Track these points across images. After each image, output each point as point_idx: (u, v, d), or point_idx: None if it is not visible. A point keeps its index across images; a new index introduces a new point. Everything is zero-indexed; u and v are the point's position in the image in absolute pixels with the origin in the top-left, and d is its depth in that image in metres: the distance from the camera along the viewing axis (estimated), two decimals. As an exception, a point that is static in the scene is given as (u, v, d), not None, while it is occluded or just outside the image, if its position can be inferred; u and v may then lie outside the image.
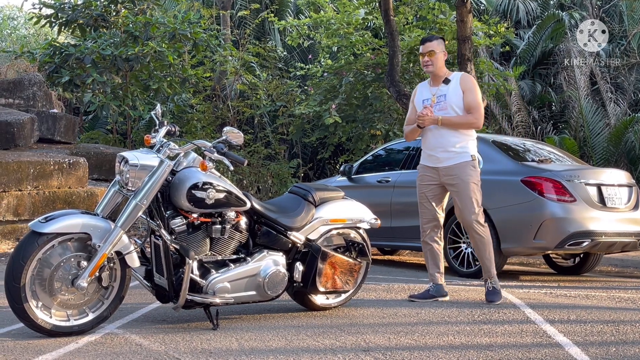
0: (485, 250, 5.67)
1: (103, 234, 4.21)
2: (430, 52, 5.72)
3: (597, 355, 3.96)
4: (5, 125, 10.45)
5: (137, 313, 5.06)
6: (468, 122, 5.64)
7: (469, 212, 5.61)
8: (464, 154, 5.63)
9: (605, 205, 7.19)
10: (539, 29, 17.24)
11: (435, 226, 5.77)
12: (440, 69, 5.75)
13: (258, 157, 13.54)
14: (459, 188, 5.62)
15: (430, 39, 5.84)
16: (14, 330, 4.41)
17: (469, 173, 5.61)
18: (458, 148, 5.64)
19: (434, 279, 5.78)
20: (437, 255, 5.78)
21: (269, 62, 15.17)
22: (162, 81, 12.10)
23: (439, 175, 5.71)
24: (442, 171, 5.68)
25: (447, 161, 5.66)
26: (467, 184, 5.60)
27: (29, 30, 24.93)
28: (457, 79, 5.72)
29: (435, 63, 5.73)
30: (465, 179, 5.60)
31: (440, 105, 5.67)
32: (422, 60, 5.80)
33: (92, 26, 12.68)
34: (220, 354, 3.89)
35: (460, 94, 5.65)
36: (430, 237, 5.78)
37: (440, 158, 5.69)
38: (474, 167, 5.64)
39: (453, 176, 5.63)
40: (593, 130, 14.02)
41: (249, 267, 4.67)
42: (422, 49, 5.81)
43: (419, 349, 4.08)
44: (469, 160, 5.63)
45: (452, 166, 5.64)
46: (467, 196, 5.61)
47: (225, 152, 4.54)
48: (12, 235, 8.90)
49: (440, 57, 5.74)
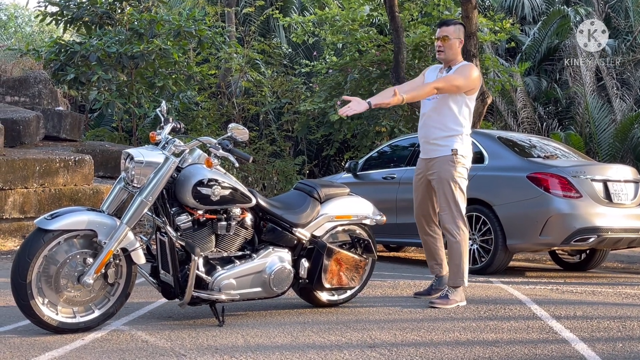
0: (454, 255, 5.30)
1: (109, 230, 4.21)
2: (444, 38, 5.40)
3: (603, 351, 3.95)
4: (11, 123, 10.47)
5: (143, 310, 5.07)
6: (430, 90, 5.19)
7: (441, 210, 5.37)
8: (444, 147, 5.33)
9: (612, 201, 7.17)
10: (545, 25, 17.20)
11: (425, 217, 5.61)
12: (453, 56, 5.44)
13: (263, 154, 13.54)
14: (435, 183, 5.39)
15: (447, 22, 5.51)
16: (20, 327, 4.42)
17: (446, 169, 5.31)
18: (440, 141, 5.36)
19: (433, 271, 5.73)
20: (433, 247, 5.65)
21: (274, 59, 15.17)
22: (167, 79, 12.11)
23: (425, 168, 5.51)
24: (427, 163, 5.48)
25: (429, 153, 5.45)
26: (442, 181, 5.32)
27: (34, 28, 24.98)
28: (456, 68, 5.42)
29: (448, 50, 5.41)
30: (442, 174, 5.32)
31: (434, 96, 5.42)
32: (435, 45, 5.50)
33: (98, 24, 12.68)
34: (226, 350, 3.90)
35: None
36: (424, 231, 5.65)
37: (426, 149, 5.51)
38: (454, 162, 5.29)
39: (432, 170, 5.41)
40: (599, 126, 13.99)
41: (255, 264, 4.67)
42: (437, 32, 5.49)
43: (424, 345, 4.08)
44: (449, 154, 5.30)
45: (432, 159, 5.42)
46: (441, 193, 5.34)
47: (230, 149, 4.54)
48: (18, 233, 8.92)
49: (455, 44, 5.42)
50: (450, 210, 5.32)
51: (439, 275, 5.69)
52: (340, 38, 13.46)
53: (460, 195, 5.34)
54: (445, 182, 5.32)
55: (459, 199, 5.33)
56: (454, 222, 5.31)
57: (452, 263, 5.36)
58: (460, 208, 5.34)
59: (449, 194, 5.32)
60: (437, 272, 5.70)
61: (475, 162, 6.53)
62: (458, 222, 5.31)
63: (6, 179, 8.79)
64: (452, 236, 5.32)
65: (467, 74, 5.35)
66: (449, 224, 5.33)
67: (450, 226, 5.32)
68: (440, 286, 5.64)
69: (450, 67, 5.48)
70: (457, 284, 5.33)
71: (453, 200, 5.31)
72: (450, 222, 5.32)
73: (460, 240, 5.30)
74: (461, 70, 5.38)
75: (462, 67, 5.41)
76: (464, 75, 5.33)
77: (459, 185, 5.34)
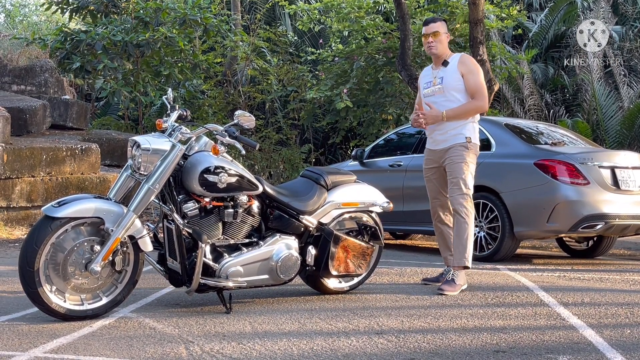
0: (463, 236, 5.41)
1: (116, 218, 4.22)
2: (435, 33, 5.61)
3: (611, 337, 3.94)
4: (18, 112, 10.49)
5: (150, 297, 5.08)
6: (474, 109, 5.52)
7: (453, 192, 5.47)
8: (458, 135, 5.50)
9: (619, 187, 7.15)
10: (552, 12, 17.09)
11: (443, 208, 5.69)
12: (444, 50, 5.65)
13: (269, 142, 13.52)
14: (450, 169, 5.52)
15: (434, 20, 5.76)
16: (29, 314, 4.44)
17: (460, 154, 5.47)
18: (454, 130, 5.51)
19: (446, 261, 5.75)
20: (448, 237, 5.69)
21: (280, 47, 15.12)
22: (173, 67, 12.08)
23: (437, 158, 5.63)
24: (439, 153, 5.61)
25: (443, 143, 5.57)
26: (456, 165, 5.46)
27: (40, 17, 24.97)
28: (456, 61, 5.59)
29: (439, 45, 5.62)
30: (456, 159, 5.47)
31: (437, 88, 5.59)
32: (426, 42, 5.67)
33: (103, 12, 12.67)
34: (233, 337, 3.90)
35: (457, 77, 5.52)
36: (440, 220, 5.72)
37: (437, 140, 5.62)
38: (467, 148, 5.47)
39: (447, 158, 5.54)
40: (606, 113, 13.93)
41: (262, 251, 4.67)
42: (425, 30, 5.69)
43: (432, 332, 4.08)
44: (463, 142, 5.48)
45: (446, 148, 5.54)
46: (455, 176, 5.47)
47: (237, 136, 4.53)
48: (25, 222, 8.95)
49: (444, 38, 5.64)
50: (460, 191, 5.44)
51: (450, 265, 5.70)
52: (346, 25, 13.40)
53: (470, 179, 5.48)
54: (458, 165, 5.47)
55: (470, 182, 5.47)
56: (463, 203, 5.43)
57: (458, 243, 5.44)
58: (470, 192, 5.47)
59: (461, 177, 5.45)
60: (450, 263, 5.71)
61: (483, 149, 6.55)
62: (467, 204, 5.43)
63: (13, 167, 8.81)
64: (461, 216, 5.43)
65: (473, 68, 5.57)
66: (458, 204, 5.44)
67: (460, 207, 5.43)
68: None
69: (446, 61, 5.63)
70: (461, 264, 5.41)
71: (464, 182, 5.44)
72: (460, 203, 5.43)
73: (468, 220, 5.41)
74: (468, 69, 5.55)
75: (463, 62, 5.58)
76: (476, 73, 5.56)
77: (470, 170, 5.49)
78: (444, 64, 5.62)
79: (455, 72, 5.54)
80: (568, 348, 3.72)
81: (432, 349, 3.71)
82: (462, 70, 5.54)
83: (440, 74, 5.62)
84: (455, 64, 5.58)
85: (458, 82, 5.54)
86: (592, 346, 3.76)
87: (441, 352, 3.65)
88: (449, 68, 5.59)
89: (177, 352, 3.60)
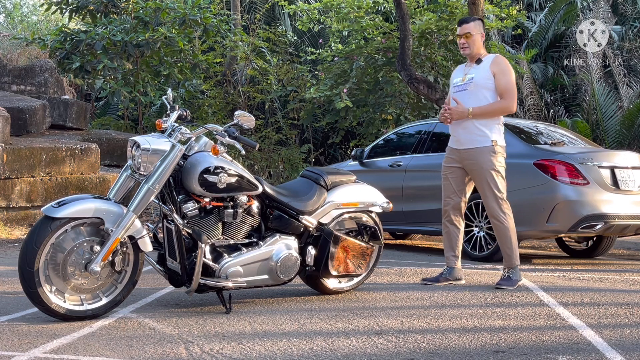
0: (505, 239, 5.54)
1: (116, 218, 4.22)
2: (467, 35, 5.59)
3: (611, 337, 3.94)
4: (17, 112, 10.48)
5: (150, 297, 5.08)
6: (501, 109, 5.51)
7: (486, 199, 5.54)
8: (484, 138, 5.50)
9: (619, 187, 7.15)
10: (551, 12, 17.09)
11: (454, 208, 5.71)
12: (477, 50, 5.62)
13: (269, 142, 13.52)
14: (476, 174, 5.55)
15: (467, 20, 5.70)
16: (28, 314, 4.44)
17: (487, 159, 5.48)
18: (479, 132, 5.51)
19: (448, 261, 5.76)
20: (454, 238, 5.72)
21: (280, 47, 15.12)
22: (172, 67, 12.09)
23: (461, 158, 5.64)
24: (463, 154, 5.61)
25: (467, 144, 5.57)
26: (484, 171, 5.49)
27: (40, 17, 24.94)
28: (489, 61, 5.58)
29: (472, 45, 5.60)
30: (484, 165, 5.49)
31: (467, 84, 5.57)
32: (459, 42, 5.68)
33: (103, 12, 12.66)
34: (233, 337, 3.90)
35: (489, 76, 5.51)
36: (449, 220, 5.73)
37: (461, 140, 5.62)
38: (494, 152, 5.49)
39: (472, 161, 5.55)
40: (606, 113, 13.93)
41: (262, 251, 4.67)
42: (458, 30, 5.68)
43: (431, 331, 4.08)
44: (489, 145, 5.49)
45: (471, 150, 5.54)
46: (484, 184, 5.51)
47: (236, 136, 4.53)
48: (25, 222, 8.95)
49: (477, 39, 5.61)
50: (495, 198, 5.50)
51: (451, 266, 5.73)
52: (345, 25, 13.39)
53: (502, 182, 5.54)
54: (488, 172, 5.50)
55: (502, 187, 5.53)
56: (500, 209, 5.51)
57: (504, 247, 5.57)
58: (504, 195, 5.53)
59: (492, 183, 5.50)
60: (452, 264, 5.75)
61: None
62: (503, 209, 5.51)
63: (13, 167, 8.81)
64: (500, 222, 5.52)
65: (505, 68, 5.55)
66: (495, 211, 5.52)
67: (497, 213, 5.52)
68: (450, 276, 5.70)
69: (479, 60, 5.62)
70: (512, 265, 5.58)
71: (497, 188, 5.50)
72: (496, 209, 5.51)
73: (507, 225, 5.52)
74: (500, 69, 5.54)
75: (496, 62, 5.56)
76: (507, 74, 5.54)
77: (500, 174, 5.54)
78: (477, 62, 5.62)
79: (487, 71, 5.54)
80: (567, 348, 3.72)
81: (432, 349, 3.71)
82: (494, 70, 5.53)
83: (472, 72, 5.62)
84: (489, 64, 5.57)
85: (488, 81, 5.54)
86: (592, 346, 3.76)
87: (441, 352, 3.65)
88: (481, 67, 5.58)
89: (176, 352, 3.60)
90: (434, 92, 10.85)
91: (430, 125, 8.54)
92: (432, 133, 8.35)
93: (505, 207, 5.52)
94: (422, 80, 11.00)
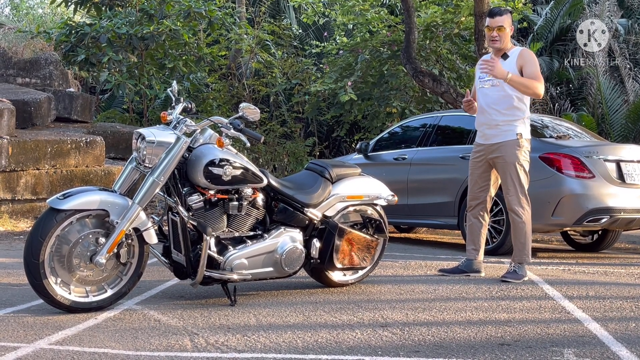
0: (519, 234, 5.54)
1: (121, 210, 4.22)
2: (500, 28, 5.50)
3: (616, 330, 3.94)
4: (23, 105, 10.49)
5: (155, 289, 5.09)
6: (535, 87, 5.38)
7: (507, 192, 5.55)
8: (509, 131, 5.50)
9: (624, 181, 7.13)
10: (557, 5, 17.02)
11: (480, 203, 5.72)
12: (506, 44, 5.57)
13: (274, 135, 13.51)
14: (501, 167, 5.56)
15: (500, 12, 5.56)
16: (34, 306, 4.45)
17: (512, 153, 5.48)
18: (504, 125, 5.51)
19: (469, 254, 5.79)
20: (476, 231, 5.75)
21: (284, 40, 15.09)
22: (177, 60, 12.08)
23: (486, 152, 5.64)
24: (489, 148, 5.61)
25: (493, 138, 5.58)
26: (508, 164, 5.50)
27: (45, 10, 24.95)
28: (516, 55, 5.52)
29: (503, 39, 5.53)
30: (508, 158, 5.49)
31: (493, 79, 5.51)
32: (490, 35, 5.57)
33: (108, 5, 12.65)
34: (238, 329, 3.91)
35: (515, 70, 5.45)
36: (474, 213, 5.76)
37: (487, 135, 5.63)
38: (519, 146, 5.48)
39: (497, 155, 5.55)
40: (611, 107, 13.89)
41: (266, 244, 4.67)
42: (490, 22, 5.56)
43: (436, 324, 4.08)
44: (514, 138, 5.48)
45: (496, 144, 5.55)
46: (507, 176, 5.52)
47: (241, 129, 4.53)
48: (30, 214, 8.96)
49: (508, 33, 5.55)
50: (515, 191, 5.51)
51: (470, 259, 5.77)
52: (350, 18, 13.37)
53: (524, 177, 5.54)
54: (512, 165, 5.51)
55: (524, 181, 5.53)
56: (519, 203, 5.50)
57: (517, 241, 5.56)
58: (525, 189, 5.53)
59: (515, 177, 5.51)
60: (472, 256, 5.77)
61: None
62: (523, 203, 5.52)
63: (18, 160, 8.82)
64: (518, 216, 5.52)
65: (531, 59, 5.50)
66: (515, 205, 5.52)
67: (516, 207, 5.51)
68: (467, 269, 5.75)
69: (506, 54, 5.56)
70: (522, 260, 5.57)
71: (519, 182, 5.51)
72: (516, 203, 5.51)
73: (525, 220, 5.52)
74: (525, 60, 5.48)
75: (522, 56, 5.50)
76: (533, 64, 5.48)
77: (524, 168, 5.54)
78: (504, 56, 5.55)
79: (514, 66, 5.48)
80: (573, 341, 3.72)
81: (437, 341, 3.71)
82: (520, 63, 5.48)
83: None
84: (515, 58, 5.52)
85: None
86: (597, 339, 3.76)
87: (446, 344, 3.65)
88: (508, 61, 5.52)
89: (181, 344, 3.61)
90: (439, 85, 10.83)
91: (435, 118, 8.53)
92: (437, 126, 8.34)
93: (525, 202, 5.52)
94: (427, 74, 10.97)
